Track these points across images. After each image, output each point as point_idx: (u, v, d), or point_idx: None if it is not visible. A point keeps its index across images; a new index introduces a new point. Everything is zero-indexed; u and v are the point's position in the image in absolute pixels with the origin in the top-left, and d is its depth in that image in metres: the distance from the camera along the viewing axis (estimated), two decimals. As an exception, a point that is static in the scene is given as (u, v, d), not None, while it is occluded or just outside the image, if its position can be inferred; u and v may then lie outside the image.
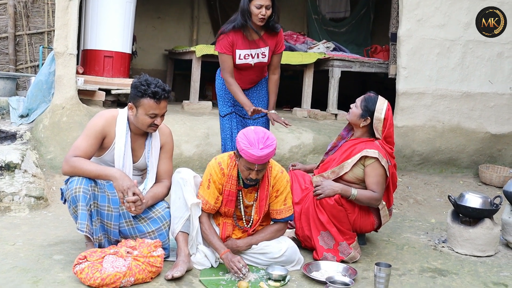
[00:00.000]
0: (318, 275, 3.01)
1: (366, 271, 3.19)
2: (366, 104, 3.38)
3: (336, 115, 6.43)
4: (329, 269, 3.10)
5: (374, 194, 3.29)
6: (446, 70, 5.67)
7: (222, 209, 3.11)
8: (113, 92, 5.55)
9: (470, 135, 5.75)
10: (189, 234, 3.04)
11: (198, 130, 5.13)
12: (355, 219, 3.35)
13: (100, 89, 5.44)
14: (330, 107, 6.49)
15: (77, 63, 5.24)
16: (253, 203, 3.12)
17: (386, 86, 6.67)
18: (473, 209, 3.59)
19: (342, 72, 6.52)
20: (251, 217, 3.13)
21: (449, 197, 3.77)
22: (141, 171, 3.16)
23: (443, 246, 3.78)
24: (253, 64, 3.81)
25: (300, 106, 6.71)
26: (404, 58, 5.61)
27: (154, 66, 8.06)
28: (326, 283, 2.81)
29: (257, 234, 3.15)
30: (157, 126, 2.98)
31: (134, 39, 6.38)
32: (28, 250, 3.12)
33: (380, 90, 4.25)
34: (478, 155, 5.81)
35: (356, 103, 3.44)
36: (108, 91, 5.53)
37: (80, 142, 2.91)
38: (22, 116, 5.11)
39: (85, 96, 5.33)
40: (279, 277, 2.91)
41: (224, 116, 3.97)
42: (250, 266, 3.05)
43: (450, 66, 5.67)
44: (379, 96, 3.43)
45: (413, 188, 5.29)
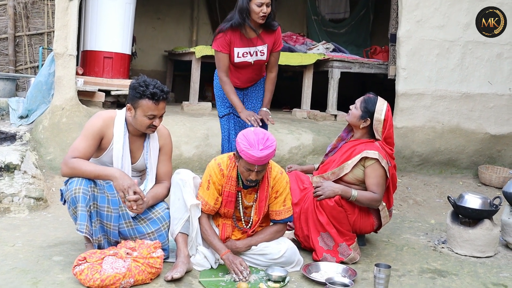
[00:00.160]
0: (317, 276, 3.01)
1: (366, 272, 3.19)
2: (366, 105, 3.38)
3: (335, 116, 6.43)
4: (328, 270, 3.10)
5: (375, 195, 3.29)
6: (446, 71, 5.67)
7: (221, 210, 3.11)
8: (112, 93, 5.54)
9: (470, 136, 5.75)
10: (188, 235, 3.04)
11: (197, 131, 5.13)
12: (355, 220, 3.35)
13: (99, 90, 5.44)
14: (329, 108, 6.49)
15: (76, 64, 5.23)
16: (252, 204, 3.12)
17: (385, 87, 6.67)
18: (472, 210, 3.59)
19: (341, 73, 6.52)
20: (251, 218, 3.13)
21: (448, 198, 3.77)
22: (140, 172, 3.17)
23: (443, 247, 3.78)
24: (252, 62, 3.80)
25: (299, 107, 6.71)
26: (403, 59, 5.61)
27: (154, 67, 8.06)
28: (326, 284, 2.80)
29: (256, 235, 3.14)
30: (155, 127, 2.98)
31: (133, 40, 6.38)
32: (27, 251, 3.12)
33: (379, 91, 4.25)
34: (477, 156, 5.81)
35: (355, 104, 3.44)
36: (107, 92, 5.53)
37: (78, 143, 2.91)
38: (21, 117, 5.11)
39: (84, 97, 5.32)
40: (279, 278, 2.91)
41: (222, 117, 3.96)
42: (250, 267, 3.05)
43: (450, 67, 5.68)
44: (379, 97, 3.43)
45: (412, 189, 5.29)
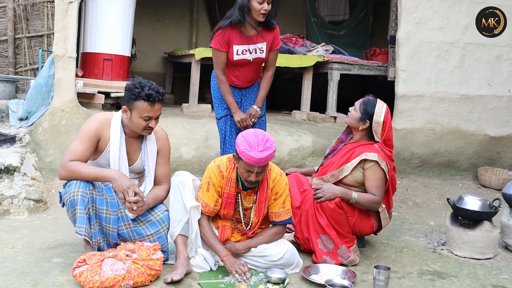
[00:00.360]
0: (317, 278, 3.01)
1: (365, 274, 3.19)
2: (365, 107, 3.38)
3: (335, 118, 6.43)
4: (328, 272, 3.10)
5: (374, 197, 3.29)
6: (445, 73, 5.67)
7: (221, 211, 3.11)
8: (112, 95, 5.55)
9: (469, 138, 5.75)
10: (188, 237, 3.04)
11: (197, 133, 5.13)
12: (355, 222, 3.35)
13: (99, 92, 5.45)
14: (329, 110, 6.49)
15: (76, 66, 5.24)
16: (252, 206, 3.12)
17: (385, 89, 6.67)
18: (472, 211, 3.59)
19: (341, 75, 6.52)
20: (250, 219, 3.13)
21: (448, 199, 3.77)
22: (137, 174, 3.16)
23: (442, 249, 3.78)
24: (251, 59, 3.78)
25: (299, 109, 6.71)
26: (403, 61, 5.61)
27: (154, 69, 8.07)
28: (325, 286, 2.80)
29: (256, 237, 3.14)
30: (151, 128, 2.98)
31: (133, 42, 6.39)
32: (27, 253, 3.12)
33: (379, 92, 4.25)
34: (477, 158, 5.81)
35: (355, 106, 3.44)
36: (107, 94, 5.54)
37: (75, 146, 2.90)
38: (21, 119, 5.11)
39: (84, 99, 5.33)
40: (278, 280, 2.91)
41: (220, 118, 3.95)
42: (250, 269, 3.05)
43: (449, 69, 5.68)
44: (378, 99, 3.43)
45: (412, 190, 5.29)
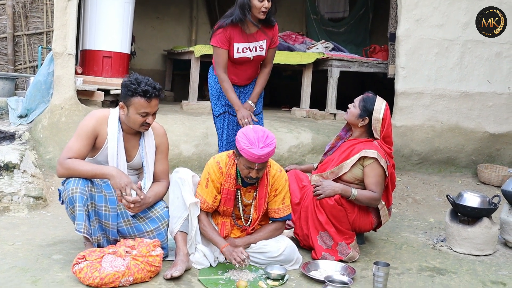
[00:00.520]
0: (316, 274, 3.02)
1: (365, 270, 3.20)
2: (365, 104, 3.38)
3: (335, 115, 6.43)
4: (327, 268, 3.10)
5: (374, 194, 3.29)
6: (445, 70, 5.67)
7: (221, 208, 3.11)
8: (112, 92, 5.54)
9: (469, 135, 5.76)
10: (187, 234, 3.04)
11: (197, 130, 5.13)
12: (355, 219, 3.35)
13: (99, 89, 5.44)
14: (328, 107, 6.49)
15: (76, 64, 5.23)
16: (252, 202, 3.12)
17: (385, 86, 6.67)
18: (471, 208, 3.59)
19: (341, 72, 6.52)
20: (250, 215, 3.14)
21: (447, 196, 3.77)
22: (136, 170, 3.16)
23: (442, 245, 3.78)
24: (251, 57, 3.77)
25: (299, 106, 6.71)
26: (402, 58, 5.61)
27: (153, 66, 8.07)
28: (325, 282, 2.80)
29: (255, 233, 3.15)
30: (149, 125, 2.97)
31: (133, 39, 6.38)
32: (27, 250, 3.12)
33: (379, 90, 4.25)
34: (476, 155, 5.81)
35: (354, 103, 3.44)
36: (107, 91, 5.53)
37: (72, 143, 2.90)
38: (21, 116, 5.11)
39: (84, 96, 5.33)
40: (278, 276, 2.91)
41: (218, 115, 3.94)
42: (249, 265, 3.05)
43: (449, 66, 5.68)
44: (377, 96, 3.43)
45: (412, 187, 5.29)
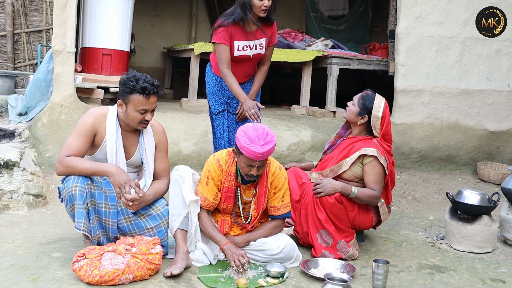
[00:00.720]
0: (316, 272, 3.02)
1: (365, 268, 3.20)
2: (364, 102, 3.38)
3: (334, 113, 6.43)
4: (327, 266, 3.11)
5: (374, 192, 3.30)
6: (445, 68, 5.67)
7: (220, 205, 3.11)
8: (111, 90, 5.54)
9: (469, 132, 5.76)
10: (187, 232, 3.04)
11: (196, 128, 5.13)
12: (354, 217, 3.36)
13: (98, 87, 5.45)
14: (328, 105, 6.49)
15: (75, 61, 5.23)
16: (251, 199, 3.12)
17: (384, 84, 6.67)
18: (471, 206, 3.60)
19: (340, 69, 6.52)
20: (250, 213, 3.14)
21: (447, 194, 3.77)
22: (136, 168, 3.16)
23: (441, 243, 3.79)
24: (251, 55, 3.79)
25: (298, 103, 6.71)
26: (402, 56, 5.61)
27: (153, 64, 8.07)
28: (325, 280, 2.81)
29: (255, 230, 3.15)
30: (147, 122, 2.97)
31: (132, 37, 6.38)
32: (27, 248, 3.12)
33: (378, 87, 4.26)
34: (476, 152, 5.82)
35: (353, 101, 3.44)
36: (106, 89, 5.53)
37: (71, 141, 2.89)
38: (20, 114, 5.11)
39: (83, 94, 5.32)
40: (278, 274, 2.92)
41: (217, 114, 3.94)
42: (249, 260, 3.04)
43: (449, 64, 5.68)
44: (377, 94, 3.43)
45: (411, 185, 5.29)
